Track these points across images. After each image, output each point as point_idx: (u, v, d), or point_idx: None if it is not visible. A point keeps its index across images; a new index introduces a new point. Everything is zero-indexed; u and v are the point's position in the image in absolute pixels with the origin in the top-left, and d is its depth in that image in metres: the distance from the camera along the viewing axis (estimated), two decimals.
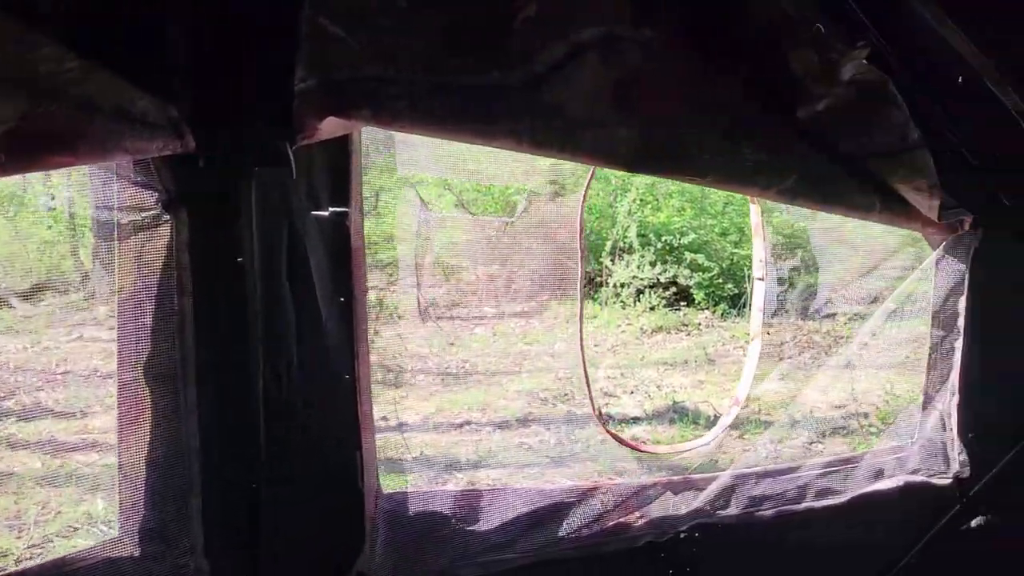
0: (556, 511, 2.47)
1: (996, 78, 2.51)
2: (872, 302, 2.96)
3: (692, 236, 10.96)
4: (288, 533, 2.15)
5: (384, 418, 8.56)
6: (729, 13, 2.34)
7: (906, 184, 2.57)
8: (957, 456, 2.86)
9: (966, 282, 2.79)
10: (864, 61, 2.43)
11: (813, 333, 9.45)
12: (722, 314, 10.75)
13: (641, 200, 11.18)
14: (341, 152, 2.13)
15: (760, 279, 2.94)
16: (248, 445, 2.07)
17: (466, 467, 7.65)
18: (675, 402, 8.57)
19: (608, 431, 2.76)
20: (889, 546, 2.95)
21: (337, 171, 2.14)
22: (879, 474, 2.86)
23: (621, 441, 2.79)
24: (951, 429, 2.86)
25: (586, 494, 2.51)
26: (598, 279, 11.53)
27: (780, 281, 2.92)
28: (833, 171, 2.53)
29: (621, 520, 2.54)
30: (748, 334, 10.02)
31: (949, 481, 2.89)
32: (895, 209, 2.61)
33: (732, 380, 9.02)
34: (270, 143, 1.97)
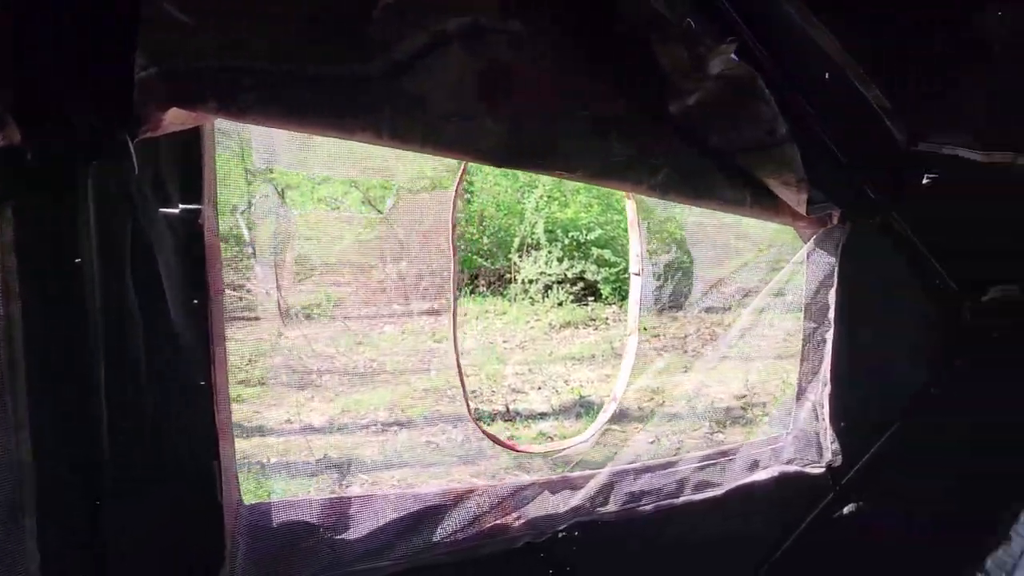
0: (430, 515, 2.41)
1: (860, 74, 2.56)
2: (745, 295, 2.99)
3: (599, 232, 11.06)
4: (137, 553, 2.02)
5: (288, 421, 8.36)
6: (599, 7, 2.31)
7: (775, 179, 2.60)
8: (829, 445, 2.93)
9: (835, 275, 2.85)
10: (733, 56, 2.44)
11: (716, 326, 9.65)
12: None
13: (548, 196, 11.22)
14: (192, 145, 2.01)
15: (636, 274, 2.94)
16: (89, 460, 1.93)
17: (371, 468, 7.54)
18: (582, 397, 8.64)
19: (484, 431, 2.72)
20: (766, 536, 3.00)
21: (188, 165, 2.02)
22: (755, 465, 2.89)
23: (497, 441, 2.75)
24: (823, 419, 2.92)
25: (461, 497, 2.45)
26: (507, 276, 11.53)
27: (656, 276, 2.92)
28: (704, 166, 2.54)
29: (498, 522, 2.50)
30: (654, 328, 10.19)
31: (822, 470, 2.95)
32: (765, 203, 2.65)
33: (638, 374, 9.12)
34: (108, 135, 1.84)
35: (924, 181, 2.80)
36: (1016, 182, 2.74)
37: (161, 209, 1.98)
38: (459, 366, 2.65)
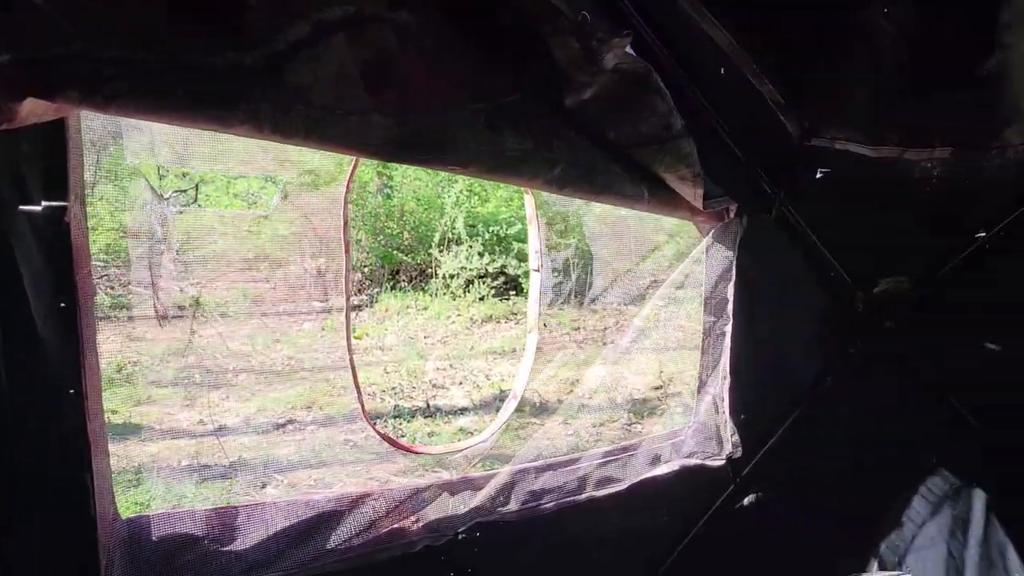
0: (323, 522, 2.33)
1: (753, 70, 2.58)
2: (651, 284, 3.00)
3: (519, 226, 11.05)
4: (6, 573, 1.90)
5: (201, 422, 8.12)
6: None
7: (671, 173, 2.59)
8: (730, 437, 2.95)
9: (733, 269, 2.87)
10: (628, 50, 2.42)
11: (635, 318, 9.76)
12: (549, 302, 10.91)
13: (469, 191, 11.18)
14: (56, 138, 1.89)
15: (536, 270, 2.91)
16: None
17: (287, 468, 7.38)
18: (502, 391, 8.62)
19: (379, 432, 2.65)
20: (669, 529, 3.01)
21: (52, 160, 1.89)
22: (656, 460, 2.90)
23: (391, 443, 2.68)
24: (724, 412, 2.94)
25: (356, 502, 2.38)
26: (428, 270, 11.45)
27: (555, 271, 2.90)
28: (601, 160, 2.52)
29: (395, 526, 2.44)
30: (574, 321, 10.24)
31: (723, 462, 2.98)
32: (662, 198, 2.64)
33: (558, 367, 9.17)
34: None
35: (818, 175, 2.85)
36: (904, 176, 2.81)
37: (22, 207, 1.86)
38: (353, 367, 2.57)
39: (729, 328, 2.89)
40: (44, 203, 1.89)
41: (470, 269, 10.82)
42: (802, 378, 3.17)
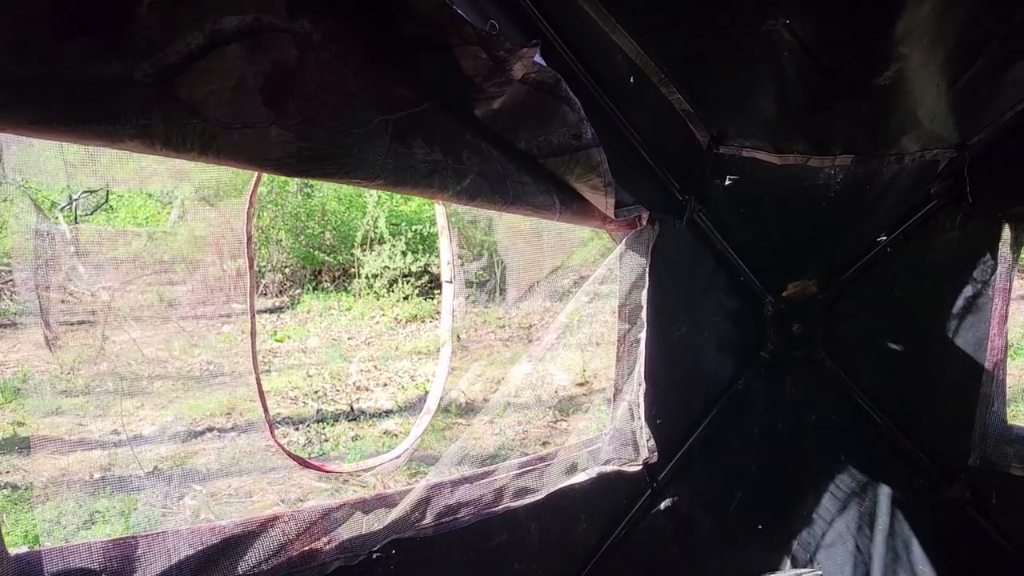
0: (230, 548, 2.25)
1: (661, 79, 2.60)
2: (567, 290, 3.00)
3: None
4: None
5: (115, 432, 7.85)
6: (396, 8, 2.22)
7: (582, 183, 2.59)
8: (646, 443, 2.97)
9: (647, 275, 2.89)
10: (537, 59, 2.41)
11: (559, 314, 9.82)
12: (474, 300, 10.92)
13: None
14: None
15: (448, 282, 2.88)
16: None
17: (206, 477, 7.21)
18: (427, 392, 8.57)
19: (288, 453, 2.58)
20: (589, 536, 3.02)
21: None
22: (573, 468, 2.90)
23: (302, 462, 2.62)
24: (639, 418, 2.96)
25: (264, 526, 2.31)
26: (351, 270, 11.31)
27: (468, 283, 2.88)
28: (512, 171, 2.50)
29: (306, 548, 2.37)
30: (500, 319, 10.25)
31: (640, 468, 3.00)
32: (574, 208, 2.64)
33: (485, 366, 9.17)
34: None
35: (726, 182, 2.89)
36: (809, 182, 2.87)
37: None
38: (258, 380, 2.49)
39: (643, 335, 2.91)
40: None
41: (393, 268, 10.75)
42: (716, 381, 3.23)
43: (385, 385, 9.06)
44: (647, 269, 2.89)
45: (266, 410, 2.52)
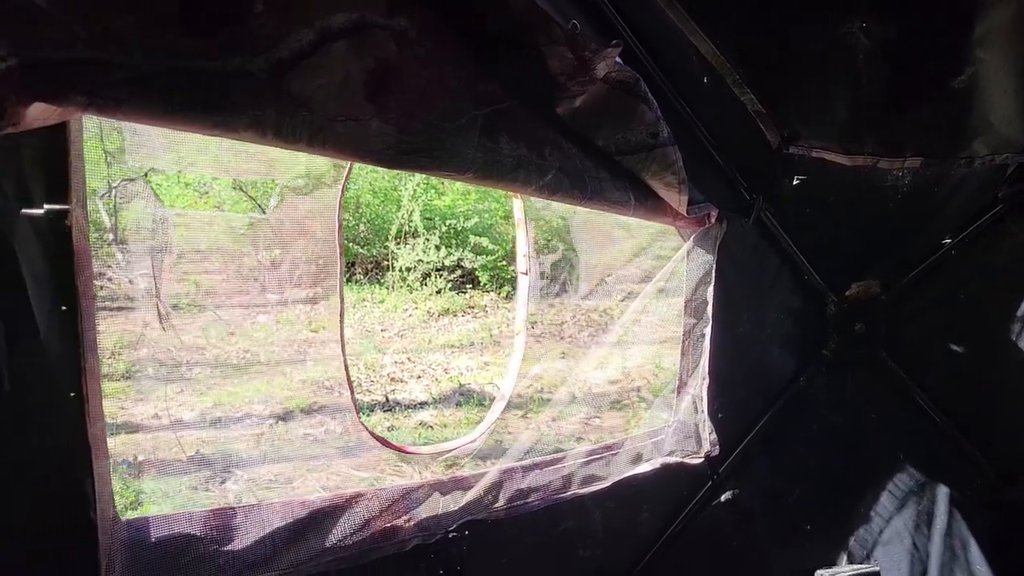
0: (318, 523, 2.34)
1: (735, 80, 2.65)
2: (639, 282, 3.06)
3: (476, 219, 11.06)
4: None
5: (156, 416, 7.97)
6: (487, 6, 2.29)
7: (657, 180, 2.65)
8: (708, 437, 3.03)
9: (713, 272, 2.95)
10: (617, 60, 2.47)
11: (591, 312, 9.85)
12: (507, 295, 10.97)
13: (426, 184, 11.13)
14: (58, 142, 1.87)
15: (524, 274, 2.95)
16: None
17: (247, 463, 7.30)
18: (461, 385, 8.63)
19: (371, 432, 2.66)
20: (650, 526, 3.09)
21: (54, 163, 1.87)
22: (638, 458, 2.97)
23: (383, 442, 2.70)
24: (702, 411, 3.02)
25: (349, 502, 2.40)
26: (384, 263, 11.38)
27: (543, 275, 2.94)
28: (590, 167, 2.57)
29: (388, 525, 2.46)
30: (532, 315, 10.30)
31: (701, 460, 3.06)
32: (648, 204, 2.70)
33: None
34: None
35: (794, 182, 2.94)
36: (876, 183, 2.91)
37: (24, 211, 1.83)
38: (347, 368, 2.58)
39: (708, 330, 2.97)
40: (47, 207, 1.87)
41: (427, 262, 10.79)
42: (777, 378, 3.27)
43: (419, 377, 9.12)
44: (713, 266, 2.95)
45: (352, 392, 2.60)
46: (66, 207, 1.88)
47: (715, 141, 2.88)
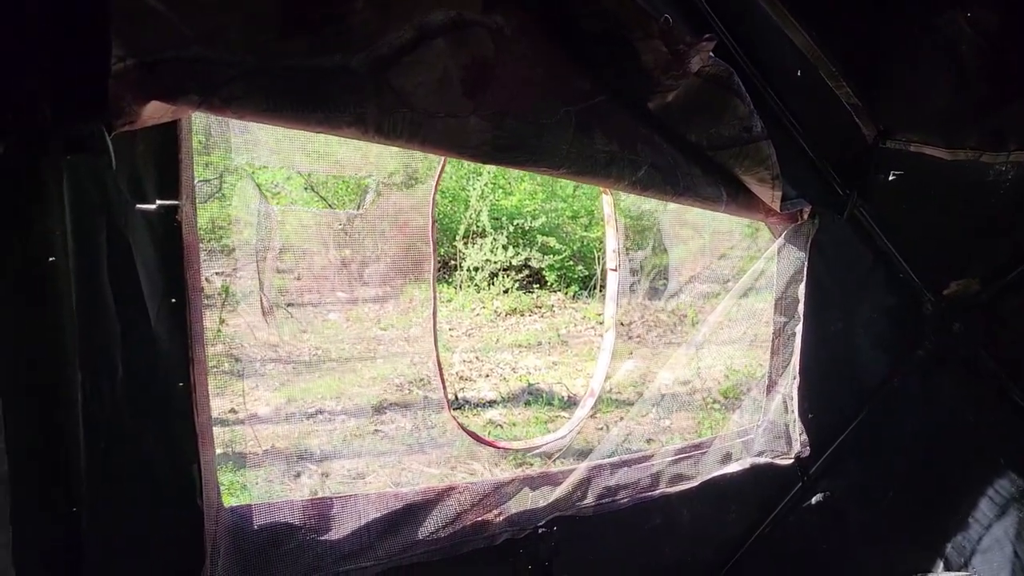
0: (411, 515, 2.38)
1: (831, 72, 2.60)
2: (725, 283, 3.02)
3: (543, 219, 11.06)
4: (115, 560, 1.94)
5: (232, 410, 8.16)
6: (580, 2, 2.29)
7: (750, 175, 2.62)
8: (798, 437, 2.98)
9: (804, 269, 2.89)
10: (711, 54, 2.44)
11: (659, 312, 9.76)
12: (574, 295, 10.94)
13: (493, 184, 11.17)
14: (169, 139, 1.92)
15: (613, 269, 2.94)
16: (66, 466, 1.84)
17: (319, 458, 7.42)
18: (530, 384, 8.64)
19: (463, 428, 2.69)
20: (739, 526, 3.05)
21: (165, 160, 1.93)
22: (727, 458, 2.93)
23: (476, 438, 2.72)
24: (793, 411, 2.97)
25: (442, 495, 2.43)
26: (452, 263, 11.46)
27: (633, 272, 2.93)
28: (682, 162, 2.55)
29: (479, 519, 2.48)
30: (599, 315, 10.26)
31: (791, 461, 3.01)
32: (740, 200, 2.67)
33: (585, 360, 9.18)
34: (83, 128, 1.74)
35: (890, 177, 2.87)
36: (977, 178, 2.82)
37: (138, 205, 1.90)
38: (440, 367, 2.61)
39: (799, 329, 2.92)
40: (158, 202, 1.93)
41: (494, 262, 10.83)
42: (870, 379, 3.20)
43: (487, 376, 9.16)
44: (805, 263, 2.90)
45: (444, 387, 2.63)
46: (176, 203, 1.93)
47: (806, 135, 2.82)
